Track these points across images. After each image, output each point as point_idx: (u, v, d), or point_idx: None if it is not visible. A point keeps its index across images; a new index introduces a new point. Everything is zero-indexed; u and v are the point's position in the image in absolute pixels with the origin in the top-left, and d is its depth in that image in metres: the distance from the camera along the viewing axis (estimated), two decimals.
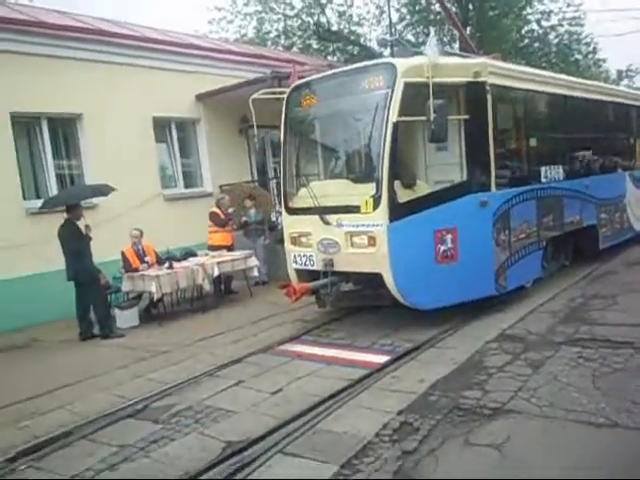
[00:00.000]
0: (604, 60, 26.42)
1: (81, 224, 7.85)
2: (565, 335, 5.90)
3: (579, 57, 22.90)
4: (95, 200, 9.37)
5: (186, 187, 12.07)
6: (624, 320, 6.18)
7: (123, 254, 8.65)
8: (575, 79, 10.16)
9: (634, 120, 11.58)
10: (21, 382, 6.21)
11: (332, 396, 4.86)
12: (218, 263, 8.98)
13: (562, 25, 21.66)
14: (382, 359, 5.78)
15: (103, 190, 8.45)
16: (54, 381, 6.00)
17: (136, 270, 8.54)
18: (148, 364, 6.41)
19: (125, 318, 8.34)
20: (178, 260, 9.28)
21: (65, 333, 8.08)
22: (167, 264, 8.66)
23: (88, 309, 7.94)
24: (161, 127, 11.55)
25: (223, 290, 9.81)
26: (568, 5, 21.10)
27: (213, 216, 10.10)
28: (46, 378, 6.21)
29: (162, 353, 6.78)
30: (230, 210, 10.21)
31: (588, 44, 22.65)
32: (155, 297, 8.28)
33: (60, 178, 10.03)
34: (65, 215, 7.89)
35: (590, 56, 23.81)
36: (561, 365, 5.06)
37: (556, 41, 22.12)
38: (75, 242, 7.72)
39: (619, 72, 30.12)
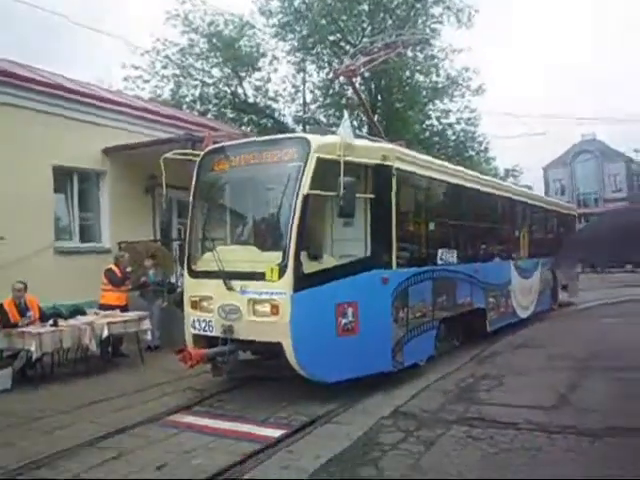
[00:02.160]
0: (494, 158, 29.19)
1: None
2: (456, 414, 6.05)
3: (472, 153, 25.08)
4: None
5: (82, 241, 11.48)
6: (510, 401, 6.47)
7: (1, 307, 7.93)
8: (471, 172, 11.03)
9: (519, 214, 12.69)
10: None
11: (222, 471, 4.60)
12: (108, 323, 8.46)
13: (459, 123, 23.81)
14: (277, 433, 5.61)
15: None
16: None
17: (15, 325, 7.83)
18: (19, 432, 5.77)
19: None
20: (64, 317, 8.64)
21: None
22: (51, 321, 8.02)
23: None
24: (62, 177, 11.04)
25: (111, 353, 9.19)
26: (465, 107, 23.32)
27: (109, 274, 9.61)
28: None
29: (36, 420, 6.14)
30: (129, 269, 9.78)
31: (480, 143, 24.96)
32: (34, 356, 7.59)
33: None
34: None
35: (482, 154, 26.17)
36: (452, 444, 5.16)
37: (454, 137, 24.18)
38: None
39: (506, 170, 33.21)
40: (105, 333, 8.37)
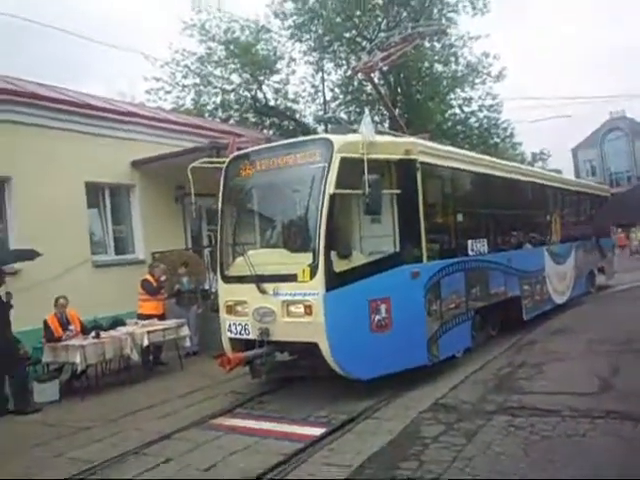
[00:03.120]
0: (520, 144, 28.73)
1: (2, 291, 7.43)
2: (496, 404, 6.03)
3: (497, 140, 24.72)
4: (18, 265, 8.93)
5: (117, 254, 11.74)
6: (550, 389, 6.41)
7: (45, 322, 8.20)
8: (497, 160, 10.93)
9: (550, 199, 12.49)
10: None
11: (267, 471, 4.70)
12: (148, 332, 8.67)
13: (482, 111, 23.49)
14: (317, 432, 5.68)
15: (28, 255, 8.11)
16: None
17: (59, 340, 8.09)
18: (68, 441, 5.98)
19: (44, 392, 7.77)
20: (105, 329, 8.88)
21: None
22: (93, 333, 8.26)
23: (3, 382, 7.38)
24: (94, 192, 11.33)
25: (152, 361, 9.42)
26: (487, 94, 23.01)
27: (145, 283, 9.84)
28: None
29: (84, 429, 6.35)
30: (163, 278, 9.99)
31: (505, 129, 24.56)
32: (79, 369, 7.84)
33: None
34: None
35: (507, 140, 25.76)
36: (493, 434, 5.15)
37: (477, 125, 23.86)
38: None
39: (533, 155, 32.67)
40: (145, 342, 8.59)
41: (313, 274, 6.33)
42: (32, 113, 10.15)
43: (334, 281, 6.35)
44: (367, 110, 9.22)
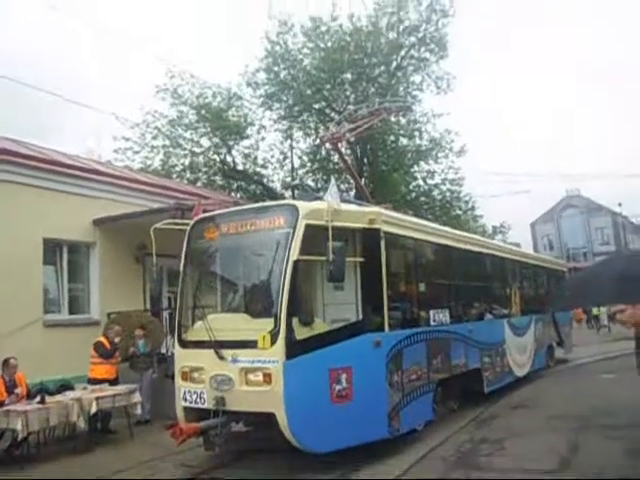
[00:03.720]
0: (481, 216, 29.52)
1: None
2: None
3: (459, 212, 25.42)
4: None
5: (71, 313, 11.35)
6: (511, 465, 6.31)
7: None
8: (458, 232, 11.18)
9: (509, 271, 12.76)
10: None
11: None
12: (97, 398, 8.23)
13: (444, 184, 24.26)
14: None
15: None
16: None
17: (1, 404, 7.60)
18: None
19: None
20: (51, 393, 8.42)
21: None
22: (38, 398, 7.80)
23: None
24: (52, 249, 11.06)
25: (100, 429, 8.91)
26: (449, 168, 23.86)
27: (98, 346, 9.44)
28: None
29: None
30: (117, 340, 9.62)
31: (467, 202, 25.34)
32: (20, 436, 7.33)
33: None
34: None
35: (469, 212, 26.51)
36: None
37: (440, 197, 24.55)
38: None
39: (494, 227, 33.57)
40: (94, 409, 8.13)
41: (274, 341, 6.20)
42: None
43: (295, 349, 6.22)
44: (333, 179, 9.42)
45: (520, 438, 7.52)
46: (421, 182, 24.41)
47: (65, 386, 9.03)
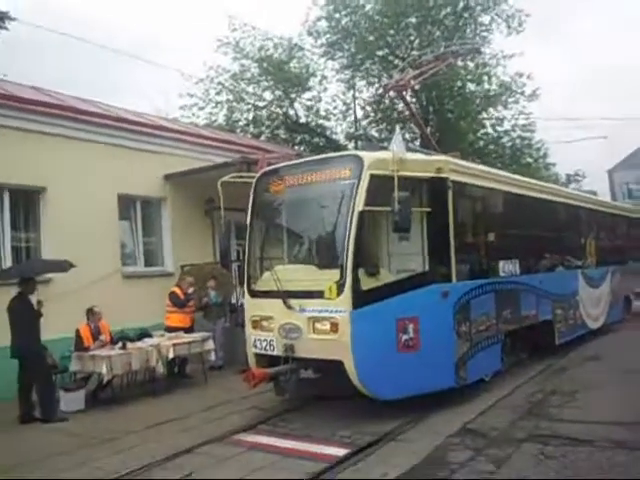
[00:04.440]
0: (554, 164, 28.14)
1: (33, 299, 7.55)
2: (526, 431, 5.85)
3: (530, 160, 24.33)
4: (50, 274, 9.08)
5: (146, 265, 11.87)
6: (583, 417, 6.19)
7: (77, 331, 8.31)
8: (530, 180, 10.75)
9: (584, 221, 12.20)
10: None
11: None
12: (174, 345, 8.70)
13: (514, 130, 23.18)
14: (341, 452, 5.58)
15: (62, 266, 8.23)
16: None
17: (87, 349, 8.16)
18: (92, 452, 5.98)
19: (70, 401, 7.84)
20: (132, 340, 8.94)
21: (4, 415, 7.46)
22: (120, 344, 8.32)
23: (30, 389, 7.47)
24: (126, 205, 11.52)
25: (177, 374, 9.43)
26: (520, 113, 22.71)
27: (172, 296, 9.90)
28: None
29: (108, 440, 6.34)
30: (190, 290, 10.03)
31: (539, 149, 24.20)
32: (105, 379, 7.89)
33: (16, 250, 9.73)
34: (18, 288, 7.58)
35: (541, 160, 25.34)
36: (523, 462, 4.97)
37: (509, 144, 23.54)
38: (25, 317, 7.40)
39: (568, 176, 32.08)
40: (171, 355, 8.61)
41: (340, 291, 6.26)
42: (70, 126, 10.41)
43: (361, 299, 6.27)
44: (398, 128, 9.19)
45: (593, 390, 7.35)
46: (490, 129, 23.45)
47: (144, 334, 9.52)
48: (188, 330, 9.78)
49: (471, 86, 22.43)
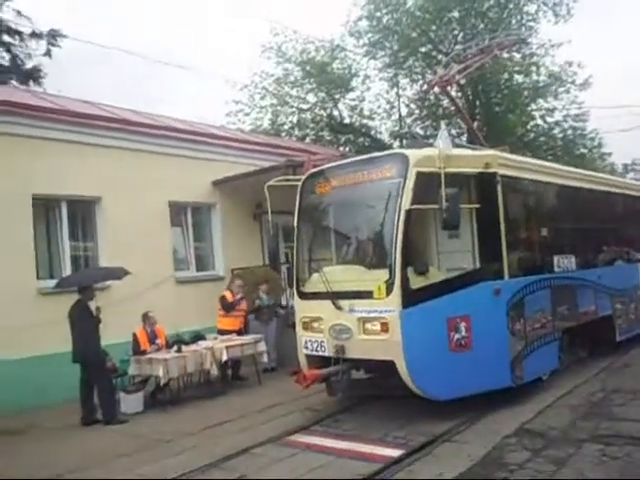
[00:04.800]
0: (609, 154, 27.05)
1: (92, 305, 7.85)
2: (587, 431, 5.66)
3: (584, 151, 23.49)
4: (108, 282, 9.41)
5: (198, 270, 12.14)
6: None
7: (134, 335, 8.58)
8: (583, 171, 10.39)
9: None
10: (10, 470, 5.91)
11: None
12: (227, 347, 8.85)
13: (566, 121, 22.42)
14: (395, 453, 5.54)
15: (118, 273, 8.51)
16: (49, 470, 5.75)
17: (144, 353, 8.42)
18: (151, 453, 6.17)
19: (130, 403, 8.11)
20: (186, 343, 9.17)
21: (67, 418, 7.80)
22: (175, 347, 8.54)
23: (92, 393, 7.76)
24: (177, 211, 11.82)
25: (231, 376, 9.60)
26: (572, 103, 21.96)
27: (221, 300, 10.06)
28: (39, 467, 5.95)
29: (166, 442, 6.53)
30: (239, 295, 10.13)
31: (593, 139, 23.31)
32: (162, 382, 8.11)
33: (75, 259, 10.15)
34: (77, 296, 7.90)
35: (595, 150, 24.41)
36: (585, 463, 4.81)
37: (561, 135, 22.78)
38: (84, 323, 7.69)
39: (625, 165, 30.83)
40: (224, 357, 8.77)
41: (389, 291, 6.22)
42: (122, 137, 10.76)
43: (411, 298, 6.21)
44: (443, 124, 9.05)
45: None
46: (540, 121, 22.73)
47: (198, 337, 9.75)
48: (239, 333, 9.93)
49: (519, 78, 21.83)
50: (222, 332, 9.82)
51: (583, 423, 5.95)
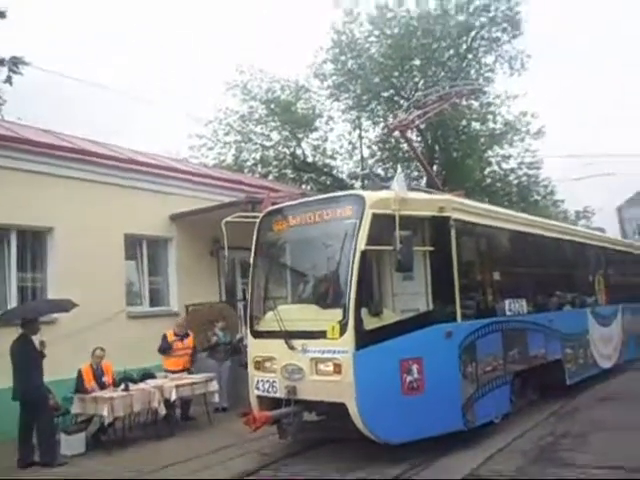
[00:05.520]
0: (562, 201, 28.08)
1: (36, 340, 7.52)
2: (534, 477, 5.64)
3: (538, 198, 24.33)
4: (55, 314, 9.07)
5: (152, 305, 11.84)
6: (595, 462, 5.98)
7: (79, 372, 8.22)
8: (535, 218, 10.71)
9: (593, 258, 12.09)
10: None
11: None
12: (176, 386, 8.58)
13: (521, 168, 23.28)
14: None
15: (64, 306, 8.21)
16: None
17: (88, 391, 8.07)
18: None
19: (71, 444, 7.70)
20: (135, 381, 8.85)
21: (3, 459, 7.32)
22: (123, 385, 8.23)
23: (31, 433, 7.36)
24: (132, 244, 11.57)
25: (180, 415, 9.28)
26: (526, 150, 22.85)
27: (162, 339, 9.70)
28: None
29: None
30: (179, 333, 9.80)
31: (546, 186, 24.21)
32: (106, 421, 7.77)
33: (22, 290, 9.76)
34: (20, 330, 7.56)
35: (548, 197, 25.32)
36: None
37: (516, 182, 23.59)
38: (27, 358, 7.34)
39: (577, 212, 31.94)
40: (173, 396, 8.49)
41: (343, 331, 6.20)
42: (79, 168, 10.56)
43: (364, 339, 6.19)
44: (400, 167, 9.24)
45: (606, 432, 7.16)
46: (496, 167, 23.58)
47: (147, 375, 9.41)
48: (189, 371, 9.64)
49: (476, 125, 22.70)
50: (168, 372, 9.49)
51: (532, 468, 5.96)
